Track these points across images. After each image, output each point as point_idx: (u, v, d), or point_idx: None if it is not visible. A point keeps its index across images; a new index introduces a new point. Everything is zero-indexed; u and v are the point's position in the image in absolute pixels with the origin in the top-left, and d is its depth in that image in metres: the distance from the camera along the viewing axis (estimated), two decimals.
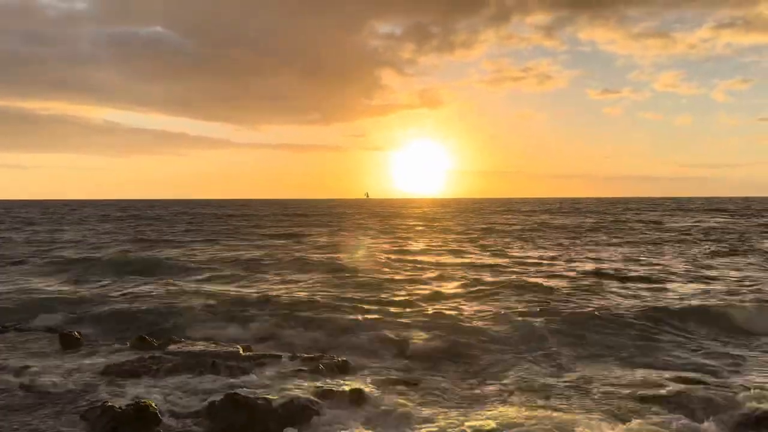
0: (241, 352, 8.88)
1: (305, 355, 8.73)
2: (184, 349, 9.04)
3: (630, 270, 17.65)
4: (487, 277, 16.30)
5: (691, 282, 15.41)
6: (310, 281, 15.72)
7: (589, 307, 11.80)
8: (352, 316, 11.03)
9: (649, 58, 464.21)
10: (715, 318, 10.78)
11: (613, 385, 7.51)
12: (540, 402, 6.85)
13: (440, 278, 16.37)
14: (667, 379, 7.61)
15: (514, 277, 16.37)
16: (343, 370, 8.29)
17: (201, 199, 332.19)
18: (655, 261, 19.98)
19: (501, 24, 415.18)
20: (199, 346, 9.17)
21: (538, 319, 10.43)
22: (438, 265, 19.50)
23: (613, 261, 20.19)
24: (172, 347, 9.13)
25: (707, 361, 8.49)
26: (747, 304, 11.72)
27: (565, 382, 7.61)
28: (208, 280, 16.42)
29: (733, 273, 17.08)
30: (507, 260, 20.50)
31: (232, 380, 7.77)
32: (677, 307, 11.56)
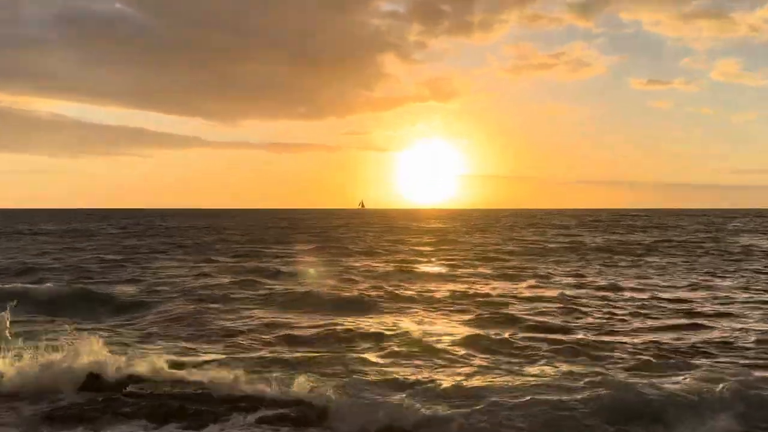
0: (212, 394, 7.71)
1: (287, 399, 7.59)
2: (146, 390, 7.81)
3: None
4: (494, 302, 15.12)
5: None
6: (287, 316, 14.26)
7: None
8: (342, 355, 9.93)
9: (704, 42, 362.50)
10: None
11: None
12: None
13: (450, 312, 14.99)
14: None
15: (545, 312, 14.39)
16: (329, 416, 7.21)
17: (166, 209, 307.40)
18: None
19: (526, 1, 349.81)
20: (165, 387, 7.96)
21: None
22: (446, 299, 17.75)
23: (690, 293, 16.80)
24: (131, 388, 7.87)
25: None
26: None
27: None
28: (167, 314, 14.58)
29: None
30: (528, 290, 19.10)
31: (201, 430, 6.71)
32: None
